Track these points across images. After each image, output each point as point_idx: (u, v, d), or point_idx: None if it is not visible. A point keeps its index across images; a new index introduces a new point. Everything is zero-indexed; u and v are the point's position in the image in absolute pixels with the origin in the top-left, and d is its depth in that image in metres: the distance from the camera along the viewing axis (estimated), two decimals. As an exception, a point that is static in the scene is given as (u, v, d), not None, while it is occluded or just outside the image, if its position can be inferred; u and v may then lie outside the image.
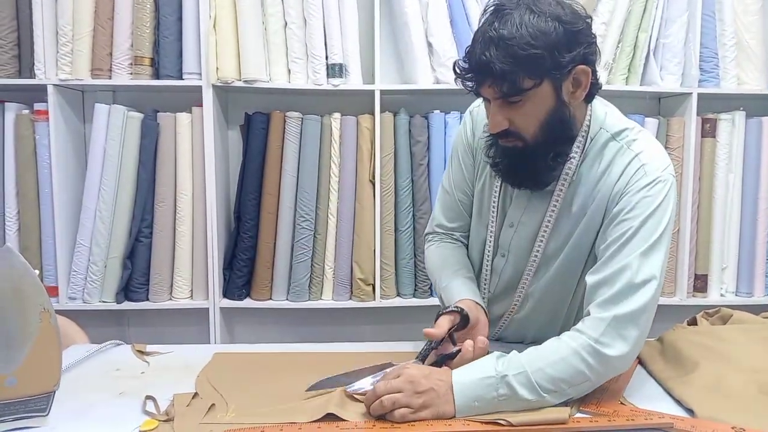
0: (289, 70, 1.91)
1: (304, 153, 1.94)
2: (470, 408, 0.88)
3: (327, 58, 1.90)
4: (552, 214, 1.06)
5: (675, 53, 1.96)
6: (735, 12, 1.98)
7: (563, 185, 1.04)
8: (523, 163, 1.02)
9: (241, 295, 1.99)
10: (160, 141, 1.91)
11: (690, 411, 0.91)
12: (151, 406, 0.91)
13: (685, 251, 2.00)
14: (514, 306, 1.16)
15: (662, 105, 2.16)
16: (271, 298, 2.00)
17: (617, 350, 0.91)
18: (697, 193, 2.02)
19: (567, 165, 1.03)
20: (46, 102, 1.85)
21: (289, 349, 1.22)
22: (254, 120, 1.95)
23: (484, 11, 0.98)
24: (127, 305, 1.94)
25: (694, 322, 1.21)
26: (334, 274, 1.99)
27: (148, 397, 0.93)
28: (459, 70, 0.99)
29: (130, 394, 0.96)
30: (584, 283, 1.00)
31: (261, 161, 1.95)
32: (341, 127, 1.94)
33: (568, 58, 0.94)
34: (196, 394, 0.95)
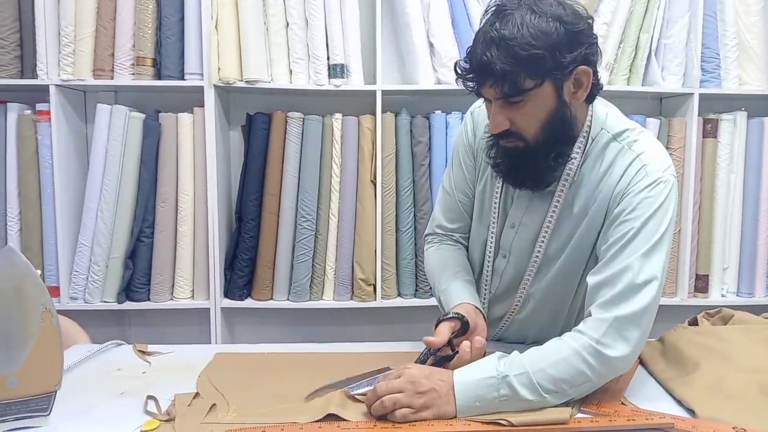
0: (291, 71, 1.92)
1: (305, 153, 1.94)
2: (471, 408, 0.88)
3: (328, 59, 1.90)
4: (553, 214, 1.06)
5: (676, 53, 1.96)
6: (736, 12, 1.98)
7: (564, 186, 1.04)
8: (524, 164, 1.02)
9: (242, 295, 1.99)
10: (162, 141, 1.92)
11: (691, 411, 0.91)
12: (152, 406, 0.91)
13: (687, 251, 2.00)
14: (515, 307, 1.16)
15: (664, 105, 2.16)
16: (272, 298, 2.00)
17: (618, 351, 0.91)
18: (698, 194, 2.02)
19: (568, 166, 1.03)
20: (48, 102, 1.85)
21: (291, 349, 1.22)
22: (256, 120, 1.95)
23: (486, 11, 0.98)
24: (129, 305, 1.94)
25: (695, 323, 1.21)
26: (335, 274, 1.99)
27: (150, 397, 0.93)
28: (460, 71, 0.99)
29: (131, 394, 0.96)
30: (585, 284, 1.00)
31: (262, 161, 1.95)
32: (343, 128, 1.95)
33: (570, 58, 0.94)
34: (197, 394, 0.95)
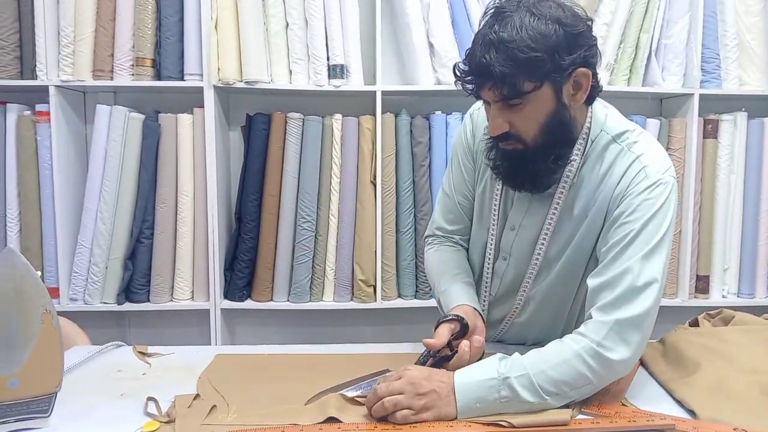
0: (291, 71, 1.92)
1: (305, 154, 1.94)
2: (472, 409, 0.88)
3: (328, 59, 1.90)
4: (553, 217, 1.06)
5: (677, 54, 1.96)
6: (737, 13, 1.98)
7: (564, 188, 1.04)
8: (523, 166, 1.01)
9: (242, 296, 1.99)
10: (162, 142, 1.92)
11: (692, 412, 0.91)
12: (152, 408, 0.91)
13: (687, 252, 2.00)
14: (515, 309, 1.16)
15: (664, 106, 2.16)
16: (272, 299, 2.00)
17: (619, 354, 0.91)
18: (698, 194, 2.02)
19: (568, 168, 1.03)
20: (48, 103, 1.85)
21: (291, 350, 1.21)
22: (255, 121, 1.95)
23: (485, 13, 0.98)
24: (128, 306, 1.94)
25: (695, 324, 1.21)
26: (335, 275, 1.99)
27: (150, 399, 0.93)
28: (459, 73, 0.99)
29: (131, 396, 0.96)
30: (585, 286, 0.99)
31: (262, 162, 1.95)
32: (342, 128, 1.94)
33: (569, 60, 0.93)
34: (197, 396, 0.95)
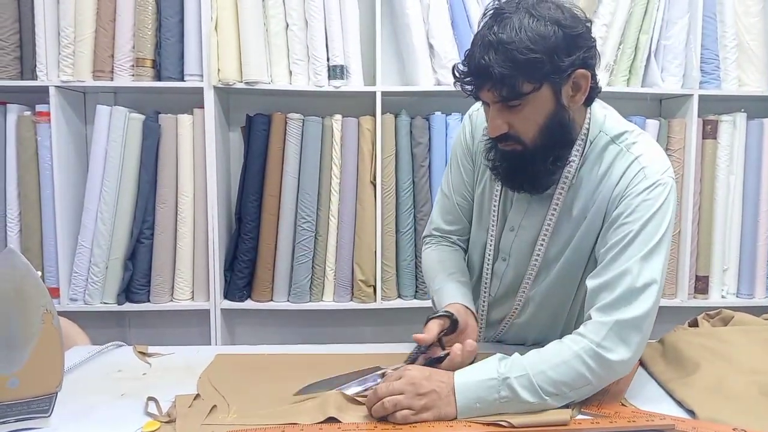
0: (291, 72, 1.92)
1: (305, 154, 1.94)
2: (472, 409, 0.88)
3: (328, 60, 1.90)
4: (552, 217, 1.06)
5: (676, 55, 1.96)
6: (736, 13, 1.98)
7: (563, 189, 1.04)
8: (522, 167, 1.02)
9: (242, 297, 1.99)
10: (162, 142, 1.92)
11: (691, 412, 0.91)
12: (153, 408, 0.91)
13: (686, 253, 2.00)
14: (515, 310, 1.16)
15: (663, 106, 2.16)
16: (272, 300, 2.00)
17: (619, 355, 0.91)
18: (698, 195, 2.02)
19: (566, 169, 1.03)
20: (48, 103, 1.85)
21: (291, 350, 1.22)
22: (255, 121, 1.95)
23: (484, 15, 0.98)
24: (128, 306, 1.95)
25: (695, 324, 1.21)
26: (335, 275, 1.99)
27: (150, 399, 0.93)
28: (458, 74, 0.99)
29: (131, 396, 0.96)
30: (585, 287, 0.99)
31: (262, 163, 1.95)
32: (342, 129, 1.95)
33: (568, 62, 0.93)
34: (197, 396, 0.95)
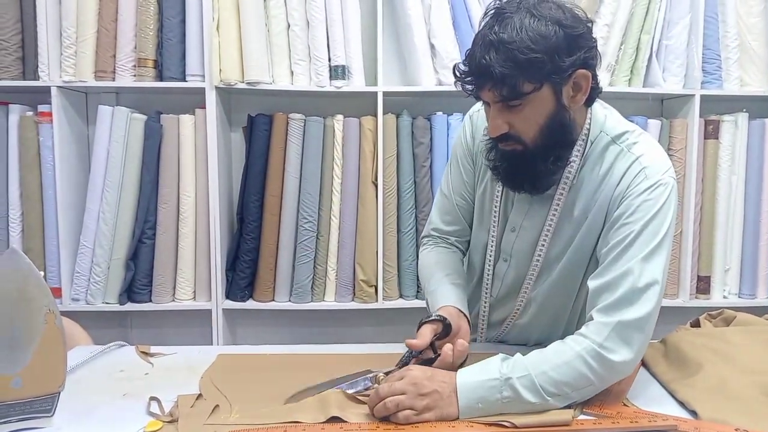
0: (292, 72, 1.92)
1: (306, 154, 1.95)
2: (474, 410, 0.88)
3: (330, 60, 1.90)
4: (553, 218, 1.06)
5: (678, 55, 1.96)
6: (738, 14, 1.98)
7: (564, 189, 1.04)
8: (522, 167, 1.01)
9: (244, 297, 1.99)
10: (163, 143, 1.92)
11: (693, 413, 0.91)
12: (155, 407, 0.91)
13: (688, 253, 2.00)
14: (517, 311, 1.16)
15: (665, 107, 2.16)
16: (273, 300, 2.00)
17: (621, 356, 0.91)
18: (699, 195, 2.02)
19: (567, 169, 1.03)
20: (50, 104, 1.85)
21: (293, 350, 1.22)
22: (257, 122, 1.95)
23: (485, 14, 0.97)
24: (130, 306, 1.95)
25: (697, 324, 1.21)
26: (336, 275, 1.99)
27: (153, 399, 0.94)
28: (459, 74, 0.99)
29: (134, 395, 0.96)
30: (586, 287, 0.99)
31: (264, 163, 1.95)
32: (344, 129, 1.95)
33: (569, 62, 0.93)
34: (200, 396, 0.95)
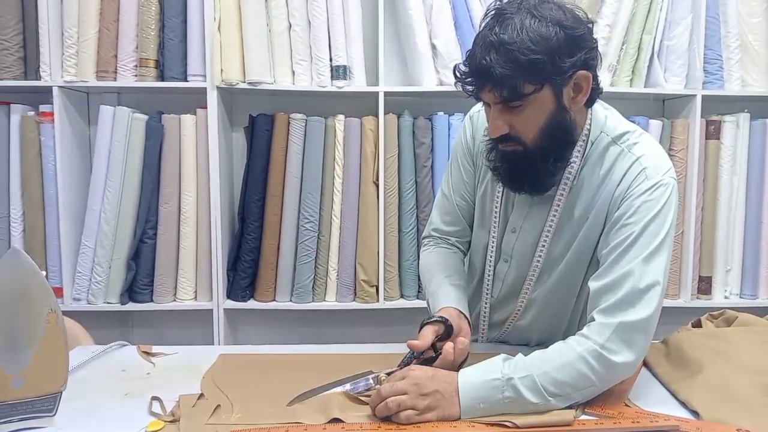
0: (294, 72, 1.92)
1: (308, 155, 1.95)
2: (475, 410, 0.88)
3: (331, 60, 1.90)
4: (553, 219, 1.06)
5: (679, 55, 1.96)
6: (739, 14, 1.98)
7: (564, 190, 1.04)
8: (523, 168, 1.01)
9: (245, 297, 2.00)
10: (165, 142, 1.92)
11: (695, 413, 0.91)
12: (157, 407, 0.91)
13: (690, 253, 2.00)
14: (517, 312, 1.16)
15: (666, 107, 2.16)
16: (274, 300, 2.00)
17: (623, 357, 0.91)
18: (701, 195, 2.01)
19: (567, 170, 1.03)
20: (52, 104, 1.86)
21: (294, 350, 1.22)
22: (258, 122, 1.95)
23: (485, 15, 0.97)
24: (132, 306, 1.95)
25: (698, 325, 1.21)
26: (337, 275, 1.99)
27: (154, 398, 0.94)
28: (459, 74, 0.99)
29: (135, 395, 0.96)
30: (587, 289, 0.99)
31: (265, 163, 1.95)
32: (345, 129, 1.95)
33: (569, 63, 0.93)
34: (201, 395, 0.95)
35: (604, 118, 1.05)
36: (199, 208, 1.95)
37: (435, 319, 1.03)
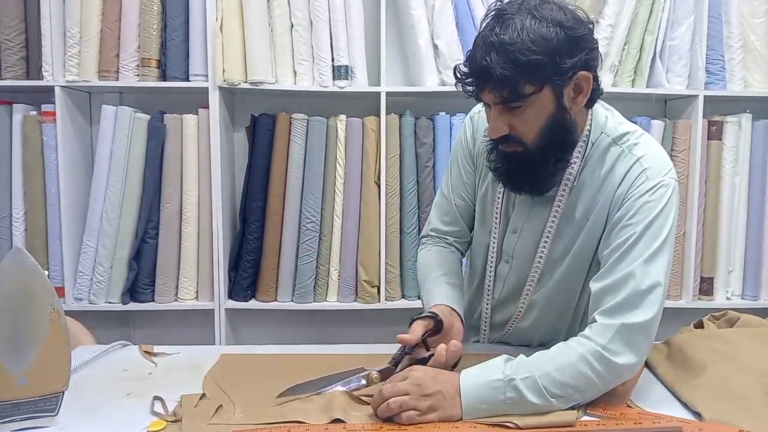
0: (295, 72, 1.92)
1: (309, 155, 1.95)
2: (477, 410, 0.88)
3: (333, 60, 1.90)
4: (554, 219, 1.06)
5: (681, 55, 1.96)
6: (741, 14, 1.98)
7: (565, 191, 1.04)
8: (523, 169, 1.01)
9: (247, 296, 2.00)
10: (167, 142, 1.92)
11: (697, 414, 0.91)
12: (158, 407, 0.92)
13: (691, 254, 1.99)
14: (518, 313, 1.15)
15: (668, 107, 2.15)
16: (276, 300, 2.00)
17: (625, 359, 0.91)
18: (703, 196, 2.01)
19: (568, 170, 1.03)
20: (54, 103, 1.86)
21: (295, 350, 1.22)
22: (260, 121, 1.95)
23: (486, 15, 0.97)
24: (133, 306, 1.95)
25: (700, 325, 1.21)
26: (339, 275, 1.99)
27: (156, 398, 0.94)
28: (459, 75, 0.99)
29: (137, 395, 0.96)
30: (588, 290, 0.99)
31: (267, 163, 1.95)
32: (347, 129, 1.95)
33: (570, 64, 0.93)
34: (203, 395, 0.95)
35: (605, 118, 1.05)
36: (201, 208, 1.95)
37: (425, 314, 1.03)
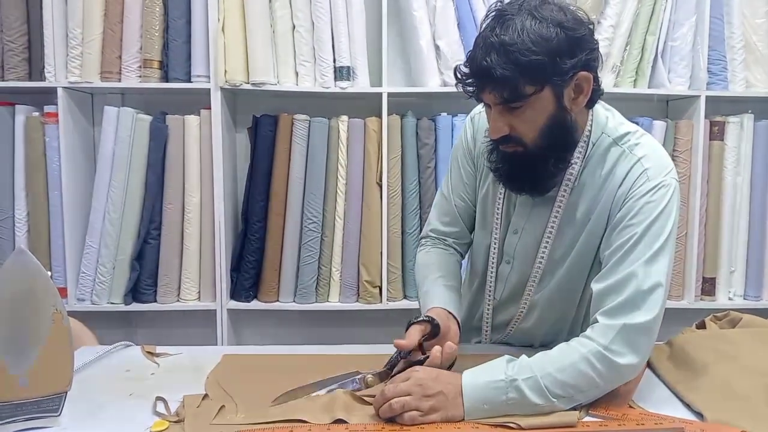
0: (297, 73, 1.92)
1: (311, 155, 1.95)
2: (479, 411, 0.88)
3: (335, 61, 1.90)
4: (555, 220, 1.06)
5: (683, 56, 1.95)
6: (743, 14, 1.98)
7: (565, 191, 1.04)
8: (523, 169, 1.01)
9: (249, 297, 2.00)
10: (169, 143, 1.92)
11: (699, 415, 0.91)
12: (161, 407, 0.92)
13: (693, 254, 1.99)
14: (520, 314, 1.15)
15: (670, 108, 2.15)
16: (278, 300, 2.00)
17: (627, 359, 0.91)
18: (705, 196, 2.01)
19: (569, 171, 1.03)
20: (56, 104, 1.86)
21: (297, 351, 1.22)
22: (262, 122, 1.96)
23: (486, 16, 0.97)
24: (135, 306, 1.95)
25: (702, 326, 1.21)
26: (341, 276, 1.99)
27: (159, 398, 0.94)
28: (460, 75, 0.99)
29: (140, 395, 0.97)
30: (590, 290, 0.99)
31: (268, 163, 1.95)
32: (348, 130, 1.95)
33: (570, 64, 0.93)
34: (206, 396, 0.95)
35: (605, 119, 1.05)
36: (203, 209, 1.95)
37: (421, 318, 1.03)
